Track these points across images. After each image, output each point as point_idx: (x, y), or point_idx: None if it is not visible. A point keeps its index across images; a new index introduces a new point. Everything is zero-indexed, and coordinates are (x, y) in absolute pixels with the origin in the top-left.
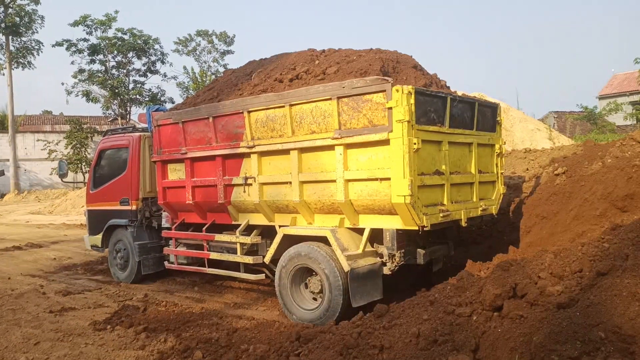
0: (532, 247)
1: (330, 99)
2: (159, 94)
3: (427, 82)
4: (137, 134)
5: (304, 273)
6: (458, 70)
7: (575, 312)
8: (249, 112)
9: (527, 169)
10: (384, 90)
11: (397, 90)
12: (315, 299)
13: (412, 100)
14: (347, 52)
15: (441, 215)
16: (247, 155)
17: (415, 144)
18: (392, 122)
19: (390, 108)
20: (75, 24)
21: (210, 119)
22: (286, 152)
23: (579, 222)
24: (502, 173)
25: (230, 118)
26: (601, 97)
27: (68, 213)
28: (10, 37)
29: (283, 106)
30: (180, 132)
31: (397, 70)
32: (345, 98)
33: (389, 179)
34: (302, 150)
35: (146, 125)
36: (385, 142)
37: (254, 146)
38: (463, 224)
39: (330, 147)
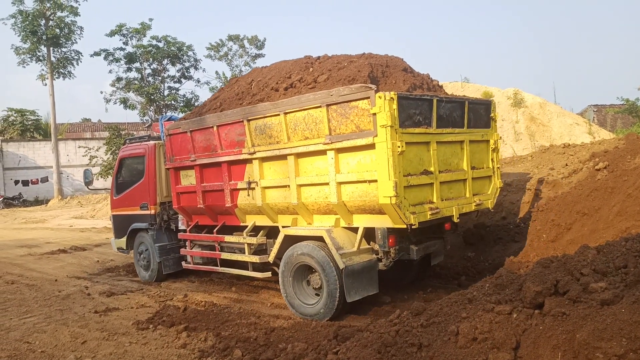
0: (573, 244)
1: (320, 106)
2: (193, 99)
3: (417, 84)
4: (152, 142)
5: (305, 270)
6: (494, 66)
7: (621, 308)
8: (249, 120)
9: (566, 165)
10: (368, 97)
11: (380, 97)
12: (317, 295)
13: (395, 106)
14: (339, 59)
15: (430, 213)
16: (249, 161)
17: (399, 147)
18: (377, 127)
19: (375, 114)
20: (112, 33)
21: (215, 128)
22: (284, 157)
23: (623, 218)
24: (498, 167)
25: (232, 126)
26: None
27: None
28: (51, 48)
29: (278, 114)
30: (189, 141)
31: (386, 74)
32: (334, 105)
33: (376, 180)
34: (298, 155)
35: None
36: (371, 146)
37: (254, 152)
38: (455, 219)
39: (323, 152)
